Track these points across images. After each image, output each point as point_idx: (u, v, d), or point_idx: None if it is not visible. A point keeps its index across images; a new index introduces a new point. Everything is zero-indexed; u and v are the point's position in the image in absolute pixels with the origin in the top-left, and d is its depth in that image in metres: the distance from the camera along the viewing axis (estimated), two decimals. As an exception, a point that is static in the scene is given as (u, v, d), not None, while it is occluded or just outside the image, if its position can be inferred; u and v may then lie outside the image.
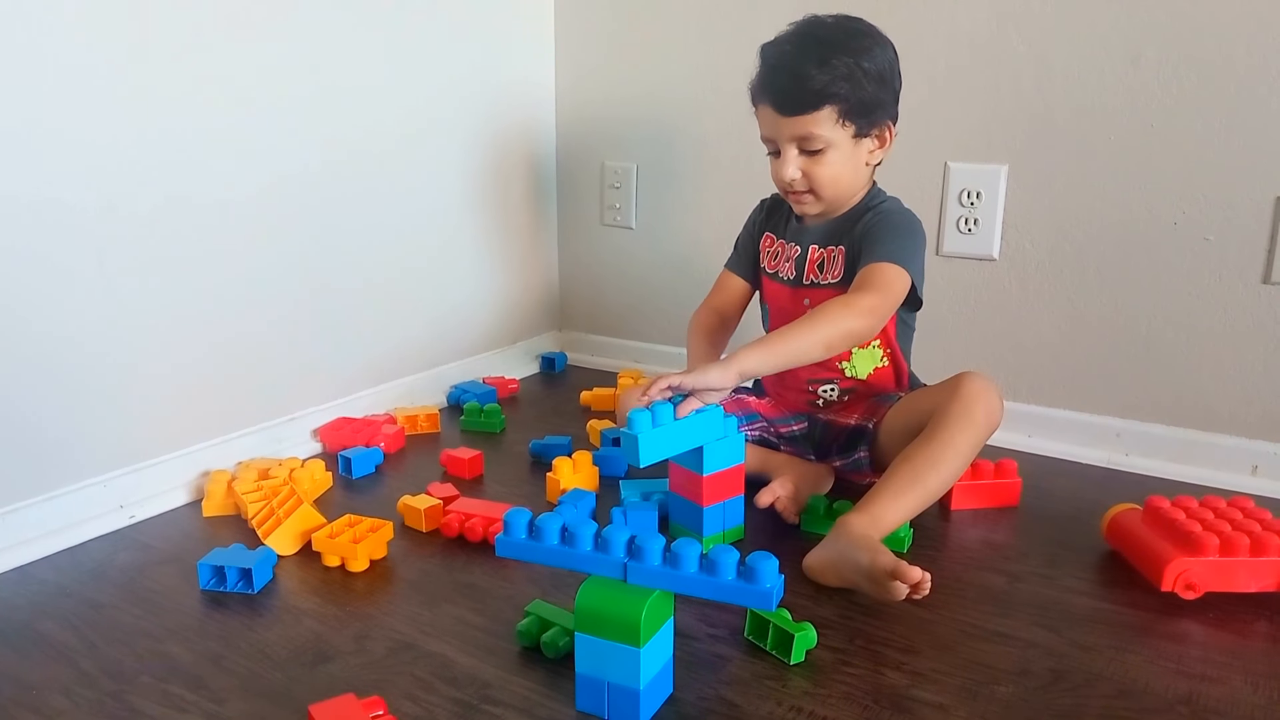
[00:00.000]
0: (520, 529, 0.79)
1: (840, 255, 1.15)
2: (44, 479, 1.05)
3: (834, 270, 1.15)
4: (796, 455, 1.21)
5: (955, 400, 1.03)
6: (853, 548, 0.93)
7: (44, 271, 1.01)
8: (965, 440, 1.01)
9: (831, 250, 1.16)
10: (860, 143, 1.11)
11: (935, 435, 1.01)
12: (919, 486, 1.00)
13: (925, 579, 0.85)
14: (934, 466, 1.00)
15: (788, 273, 1.20)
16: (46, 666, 0.84)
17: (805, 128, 1.08)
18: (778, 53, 1.10)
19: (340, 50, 1.31)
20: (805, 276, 1.18)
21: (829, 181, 1.11)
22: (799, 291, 1.19)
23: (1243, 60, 1.19)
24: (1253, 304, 1.23)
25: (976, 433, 1.02)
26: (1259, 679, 0.82)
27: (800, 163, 1.11)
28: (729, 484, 1.04)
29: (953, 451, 1.01)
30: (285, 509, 1.06)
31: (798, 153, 1.10)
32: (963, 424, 1.01)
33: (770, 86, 1.10)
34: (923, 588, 0.86)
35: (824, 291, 1.15)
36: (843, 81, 1.06)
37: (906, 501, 0.99)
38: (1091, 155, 1.30)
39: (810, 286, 1.17)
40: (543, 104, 1.73)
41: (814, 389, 1.21)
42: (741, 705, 0.79)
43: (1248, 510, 1.01)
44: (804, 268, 1.18)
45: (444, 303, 1.58)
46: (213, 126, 1.16)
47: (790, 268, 1.20)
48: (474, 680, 0.82)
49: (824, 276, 1.16)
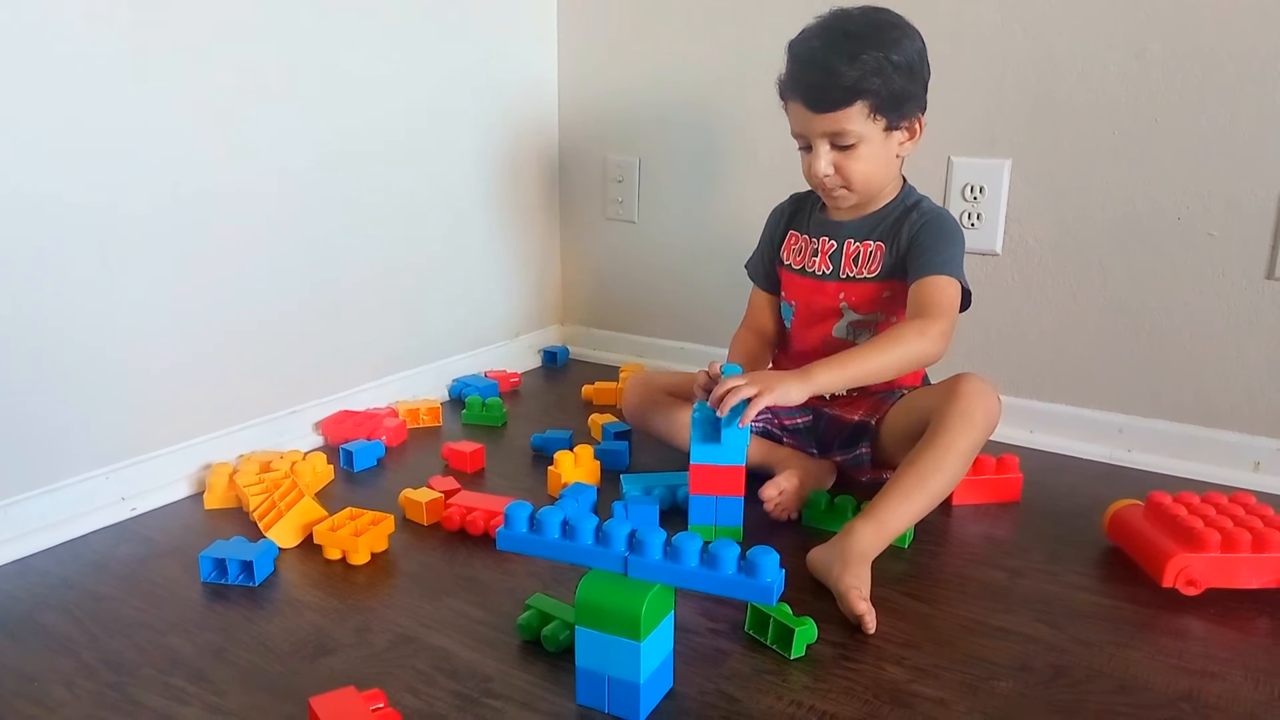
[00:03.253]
0: (521, 522, 0.79)
1: (879, 252, 1.16)
2: (46, 471, 1.05)
3: (871, 265, 1.16)
4: (798, 448, 1.21)
5: (954, 402, 1.03)
6: (838, 559, 0.94)
7: (46, 265, 1.01)
8: (966, 442, 1.02)
9: (869, 245, 1.16)
10: (891, 135, 1.11)
11: (936, 439, 1.02)
12: (923, 491, 1.00)
13: (865, 618, 0.88)
14: (937, 470, 1.01)
15: (821, 267, 1.20)
16: (48, 658, 0.84)
17: (838, 124, 1.08)
18: (806, 49, 1.09)
19: (342, 46, 1.31)
20: (842, 270, 1.18)
21: (862, 176, 1.12)
22: (835, 285, 1.18)
23: (1247, 55, 1.18)
24: (1256, 299, 1.23)
25: (976, 434, 1.03)
26: (1260, 675, 0.82)
27: (833, 157, 1.11)
28: (727, 482, 1.04)
29: (954, 454, 1.01)
30: (286, 502, 1.06)
31: (830, 148, 1.10)
32: (963, 426, 1.02)
33: (800, 83, 1.10)
34: (864, 625, 0.88)
35: (861, 286, 1.16)
36: (873, 76, 1.06)
37: (911, 506, 1.00)
38: (1095, 150, 1.29)
39: (847, 280, 1.17)
40: (545, 98, 1.73)
41: None
42: (742, 700, 0.79)
43: (1249, 506, 1.01)
44: (840, 261, 1.18)
45: (446, 296, 1.58)
46: (214, 122, 1.16)
47: (824, 262, 1.19)
48: (475, 673, 0.82)
49: (860, 270, 1.17)
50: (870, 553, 0.96)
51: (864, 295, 1.16)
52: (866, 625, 0.88)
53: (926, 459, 1.01)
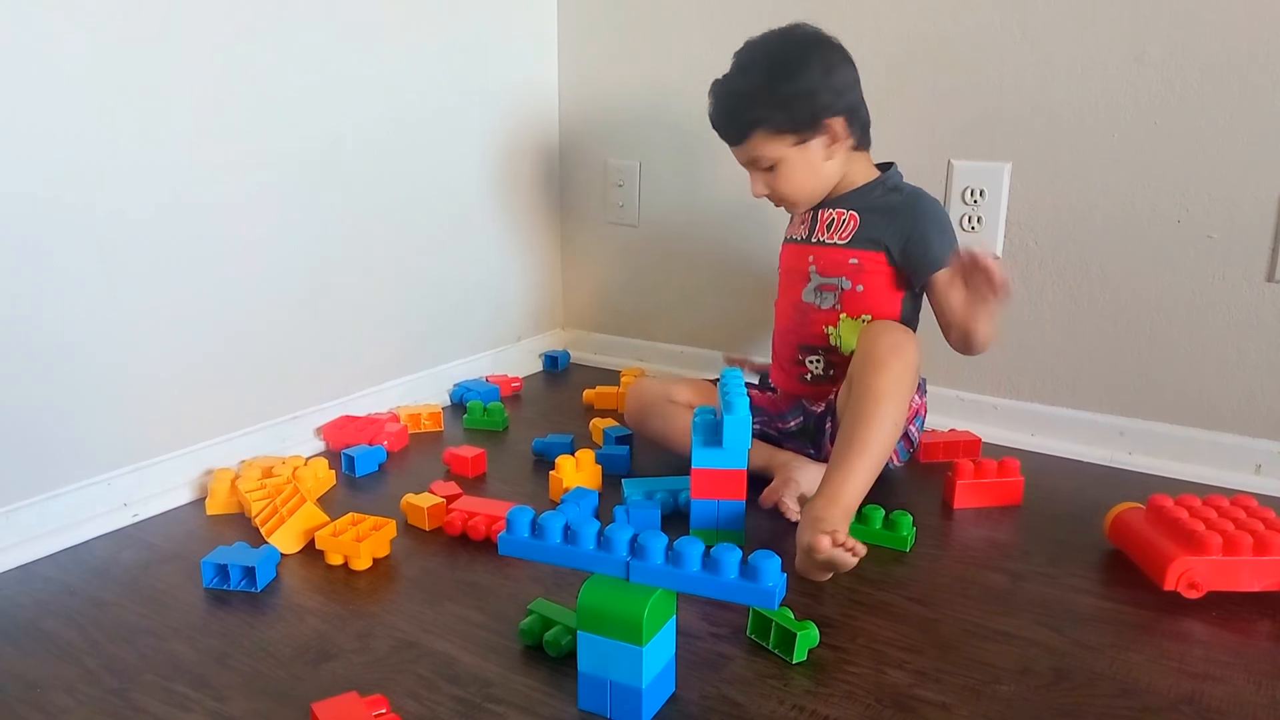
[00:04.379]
0: (523, 527, 0.79)
1: (852, 220, 1.19)
2: (48, 478, 1.05)
3: (843, 233, 1.20)
4: (797, 451, 1.21)
5: (859, 355, 1.07)
6: (801, 532, 0.96)
7: (47, 271, 1.02)
8: (882, 382, 1.02)
9: (842, 213, 1.20)
10: (807, 147, 1.16)
11: (855, 394, 1.05)
12: (860, 449, 1.00)
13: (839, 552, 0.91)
14: (865, 423, 1.01)
15: (799, 232, 1.25)
16: (50, 664, 0.84)
17: (747, 153, 1.18)
18: (715, 89, 1.21)
19: (343, 50, 1.31)
20: (815, 234, 1.22)
21: (792, 190, 1.19)
22: (807, 249, 1.23)
23: (1247, 58, 1.18)
24: (1256, 302, 1.23)
25: (889, 371, 1.03)
26: (1262, 678, 0.82)
27: (763, 179, 1.20)
28: (728, 486, 1.04)
29: (873, 400, 1.02)
30: (288, 507, 1.06)
31: (757, 170, 1.19)
32: (871, 369, 1.03)
33: (712, 121, 1.21)
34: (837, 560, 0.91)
35: (829, 250, 1.20)
36: (759, 108, 1.14)
37: (857, 468, 1.00)
38: (1095, 153, 1.29)
39: (817, 244, 1.22)
40: (546, 101, 1.73)
41: (803, 358, 1.23)
42: (744, 704, 0.79)
43: (1251, 509, 1.01)
44: (815, 226, 1.22)
45: (447, 301, 1.58)
46: (215, 126, 1.16)
47: (803, 228, 1.24)
48: (476, 679, 0.82)
49: (832, 236, 1.20)
50: (832, 524, 0.95)
51: (830, 259, 1.20)
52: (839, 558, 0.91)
53: (852, 417, 1.03)
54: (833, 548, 0.90)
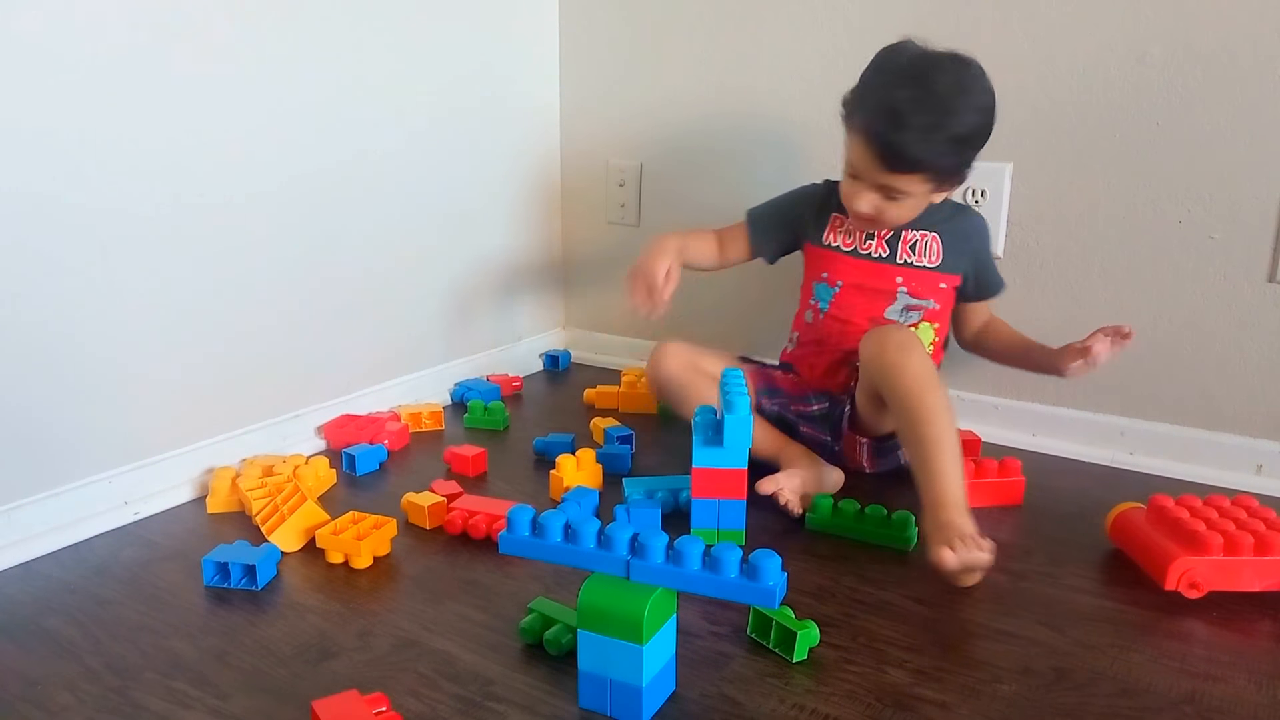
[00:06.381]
0: (523, 526, 0.79)
1: (935, 242, 1.23)
2: (49, 476, 1.05)
3: (930, 255, 1.23)
4: (814, 436, 1.21)
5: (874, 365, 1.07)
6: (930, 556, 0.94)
7: (49, 269, 1.02)
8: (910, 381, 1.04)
9: (925, 235, 1.23)
10: (937, 191, 1.17)
11: (894, 405, 1.06)
12: (935, 448, 1.00)
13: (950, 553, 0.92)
14: (924, 423, 1.02)
15: (876, 250, 1.24)
16: (51, 662, 0.84)
17: (894, 182, 1.13)
18: (889, 99, 1.09)
19: (345, 51, 1.31)
20: (899, 255, 1.23)
21: (896, 219, 1.19)
22: (893, 269, 1.24)
23: (1249, 58, 1.18)
24: (1258, 303, 1.23)
25: (912, 367, 1.04)
26: (1263, 678, 0.82)
27: (878, 200, 1.16)
28: (729, 485, 1.04)
29: (916, 399, 1.03)
30: (289, 506, 1.06)
31: (877, 192, 1.15)
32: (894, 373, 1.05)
33: (872, 133, 1.10)
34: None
35: (920, 273, 1.23)
36: (942, 157, 1.11)
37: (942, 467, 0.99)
38: (1097, 153, 1.29)
39: (904, 265, 1.23)
40: (547, 102, 1.73)
41: (854, 363, 1.20)
42: (744, 703, 0.79)
43: (1252, 509, 1.01)
44: (897, 246, 1.23)
45: (448, 300, 1.58)
46: (217, 126, 1.16)
47: (878, 245, 1.24)
48: (477, 677, 0.82)
49: (918, 258, 1.23)
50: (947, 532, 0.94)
51: (922, 281, 1.23)
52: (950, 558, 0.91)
53: (908, 431, 1.04)
54: (959, 553, 0.91)
